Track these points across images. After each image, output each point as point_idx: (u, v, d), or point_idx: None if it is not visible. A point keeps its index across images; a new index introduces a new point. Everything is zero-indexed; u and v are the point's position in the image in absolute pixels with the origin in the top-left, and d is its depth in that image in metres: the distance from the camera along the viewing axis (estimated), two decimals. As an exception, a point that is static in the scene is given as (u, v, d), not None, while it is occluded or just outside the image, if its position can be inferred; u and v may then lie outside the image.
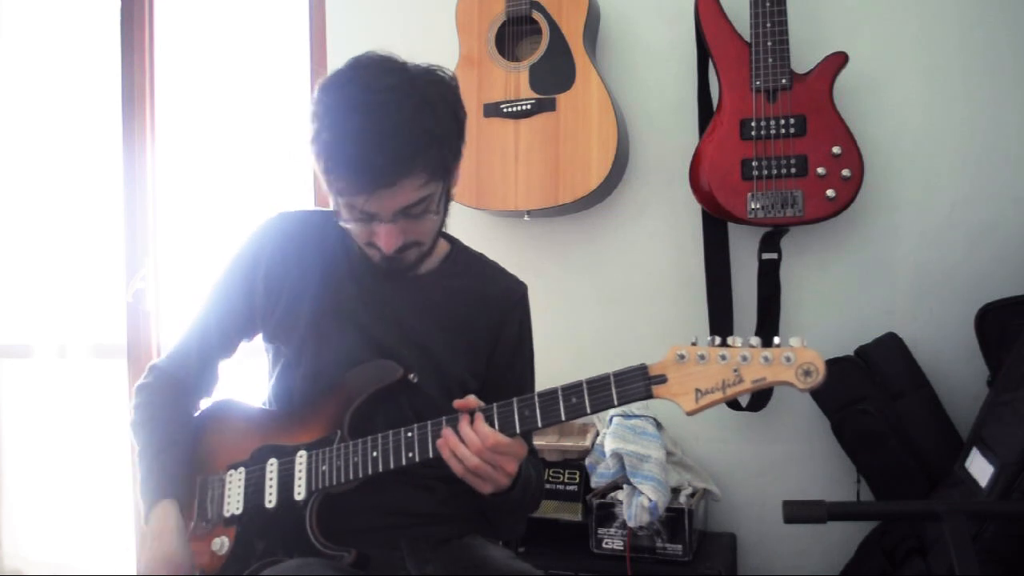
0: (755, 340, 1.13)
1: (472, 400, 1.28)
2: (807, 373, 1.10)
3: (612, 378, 1.20)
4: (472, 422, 1.25)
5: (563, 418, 1.22)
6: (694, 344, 1.17)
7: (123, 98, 2.76)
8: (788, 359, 1.11)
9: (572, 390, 1.22)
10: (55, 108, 2.97)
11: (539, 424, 1.23)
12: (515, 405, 1.24)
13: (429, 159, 1.25)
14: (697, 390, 1.14)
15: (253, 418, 1.46)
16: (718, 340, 1.15)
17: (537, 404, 1.23)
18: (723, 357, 1.14)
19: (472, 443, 1.23)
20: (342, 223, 1.32)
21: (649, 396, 1.18)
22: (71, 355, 2.92)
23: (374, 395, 1.35)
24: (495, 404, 1.26)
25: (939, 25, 2.02)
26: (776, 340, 1.13)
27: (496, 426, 1.24)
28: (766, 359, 1.11)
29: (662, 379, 1.17)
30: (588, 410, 1.21)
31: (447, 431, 1.26)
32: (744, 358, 1.13)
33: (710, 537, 2.04)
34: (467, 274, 1.49)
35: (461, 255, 1.51)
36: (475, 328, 1.45)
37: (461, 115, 1.33)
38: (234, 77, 2.77)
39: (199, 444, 1.45)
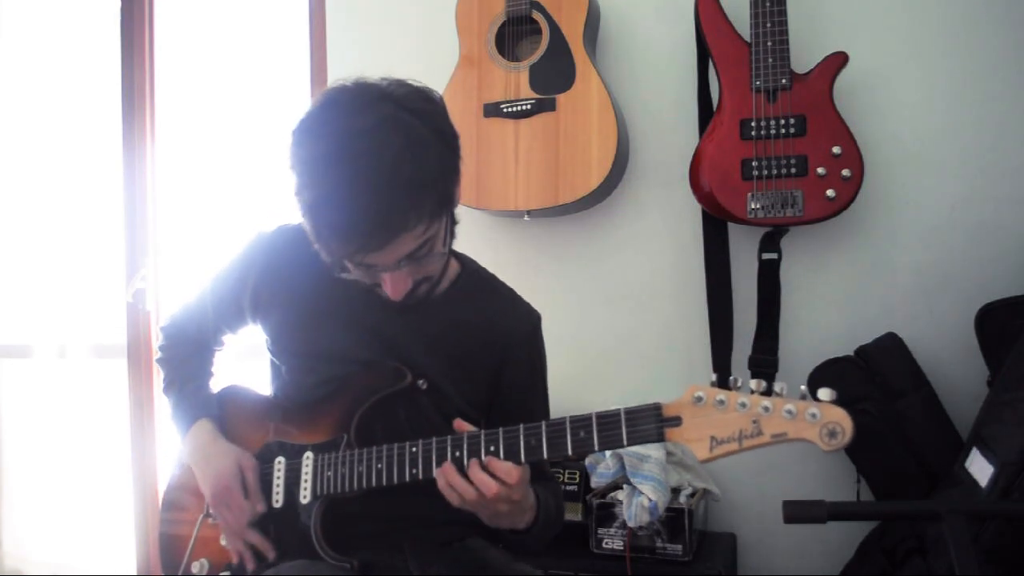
0: (779, 386, 1.06)
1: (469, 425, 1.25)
2: (832, 434, 1.02)
3: (623, 415, 1.13)
4: (480, 466, 1.20)
5: (569, 452, 1.17)
6: (713, 385, 1.09)
7: (123, 98, 2.76)
8: (813, 416, 1.02)
9: (580, 424, 1.15)
10: (55, 108, 2.97)
11: (544, 456, 1.18)
12: (521, 434, 1.19)
13: (424, 206, 1.15)
14: (712, 438, 1.07)
15: (263, 409, 1.44)
16: (740, 382, 1.08)
17: (544, 435, 1.18)
18: (743, 404, 1.06)
19: (467, 492, 1.19)
20: (344, 276, 1.25)
21: (661, 439, 1.11)
22: (71, 355, 2.92)
23: (381, 400, 1.33)
24: (501, 430, 1.21)
25: (939, 25, 2.02)
26: (803, 388, 1.05)
27: (501, 453, 1.19)
28: (789, 412, 1.03)
29: (676, 421, 1.09)
30: (596, 447, 1.14)
31: (449, 470, 1.21)
32: (765, 409, 1.04)
33: (710, 537, 2.04)
34: (472, 304, 1.41)
35: (470, 280, 1.44)
36: (475, 362, 1.39)
37: (450, 135, 1.23)
38: (234, 77, 2.76)
39: None
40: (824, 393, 1.04)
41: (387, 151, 1.12)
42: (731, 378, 1.09)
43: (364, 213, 1.12)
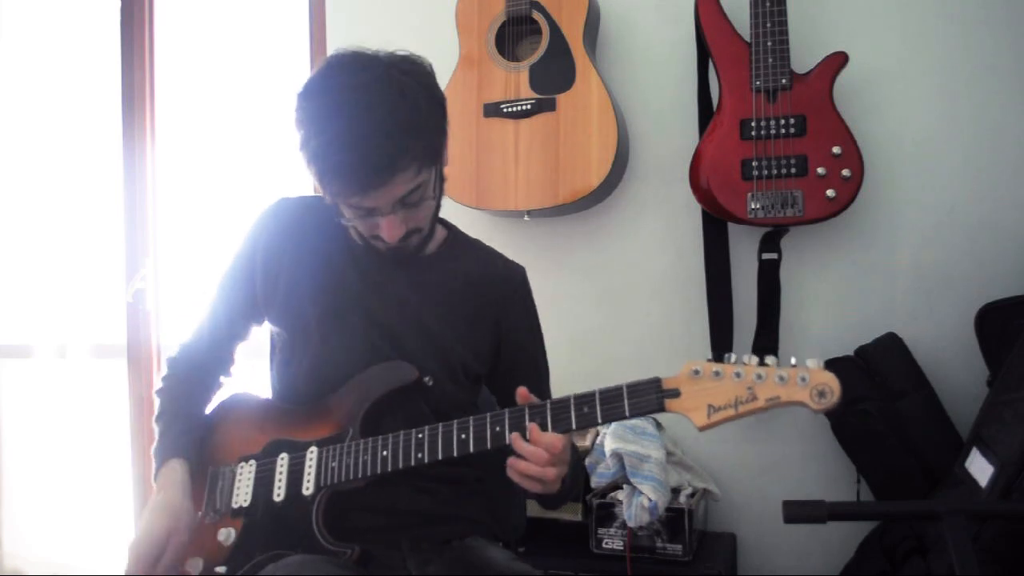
0: (771, 359, 1.14)
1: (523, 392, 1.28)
2: (822, 394, 1.11)
3: (625, 390, 1.20)
4: (527, 436, 1.24)
5: (574, 427, 1.23)
6: (709, 360, 1.17)
7: (123, 98, 2.76)
8: (803, 379, 1.11)
9: (584, 400, 1.23)
10: (55, 108, 2.97)
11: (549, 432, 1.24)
12: (526, 412, 1.26)
13: (416, 150, 1.27)
14: (710, 406, 1.14)
15: (267, 412, 1.47)
16: (733, 357, 1.16)
17: (548, 412, 1.24)
18: (738, 375, 1.14)
19: (539, 459, 1.23)
20: (344, 222, 1.35)
21: (662, 410, 1.18)
22: (71, 355, 2.92)
23: (388, 396, 1.37)
24: (506, 411, 1.27)
25: (939, 25, 2.02)
26: (792, 360, 1.14)
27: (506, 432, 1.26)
28: (781, 378, 1.12)
29: (675, 393, 1.17)
30: (599, 420, 1.21)
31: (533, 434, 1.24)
32: (759, 376, 1.13)
33: (710, 537, 2.04)
34: (466, 257, 1.51)
35: (459, 239, 1.55)
36: (475, 309, 1.46)
37: (439, 96, 1.35)
38: (234, 76, 2.76)
39: (213, 435, 1.47)
40: (812, 361, 1.13)
41: (383, 102, 1.25)
42: (725, 355, 1.17)
43: (364, 154, 1.23)
